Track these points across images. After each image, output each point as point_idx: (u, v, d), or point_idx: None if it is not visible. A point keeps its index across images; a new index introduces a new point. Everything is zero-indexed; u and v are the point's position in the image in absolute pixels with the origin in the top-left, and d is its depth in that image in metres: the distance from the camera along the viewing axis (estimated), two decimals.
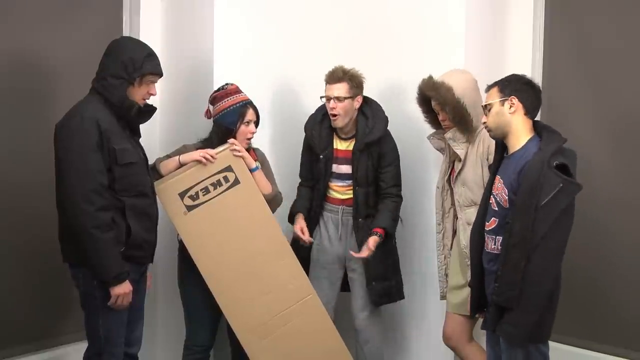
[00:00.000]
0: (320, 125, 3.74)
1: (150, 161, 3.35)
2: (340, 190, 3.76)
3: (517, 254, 2.77)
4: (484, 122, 2.99)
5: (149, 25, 4.02)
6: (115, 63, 2.95)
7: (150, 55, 3.03)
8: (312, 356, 3.51)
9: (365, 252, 3.61)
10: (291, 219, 3.80)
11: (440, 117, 3.47)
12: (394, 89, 4.07)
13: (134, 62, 2.94)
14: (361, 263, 3.70)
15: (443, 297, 3.65)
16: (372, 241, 3.62)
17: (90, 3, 3.87)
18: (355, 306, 3.77)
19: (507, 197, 2.88)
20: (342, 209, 3.75)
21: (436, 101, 3.42)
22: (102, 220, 2.87)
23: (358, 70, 3.68)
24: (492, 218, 2.95)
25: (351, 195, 3.72)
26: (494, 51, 3.88)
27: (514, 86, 2.93)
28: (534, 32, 3.97)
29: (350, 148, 3.70)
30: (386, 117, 3.72)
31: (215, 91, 3.55)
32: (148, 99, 3.08)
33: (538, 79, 3.96)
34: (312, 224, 3.81)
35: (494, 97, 2.94)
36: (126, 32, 4.01)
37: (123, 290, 2.95)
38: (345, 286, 3.87)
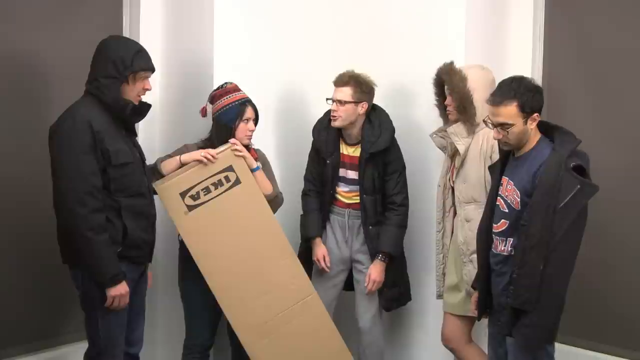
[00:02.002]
0: (327, 129, 3.75)
1: (151, 161, 3.35)
2: (346, 195, 3.77)
3: (534, 256, 2.75)
4: (499, 139, 2.91)
5: (149, 25, 4.01)
6: (105, 63, 2.94)
7: (140, 51, 3.02)
8: (313, 356, 3.51)
9: (370, 286, 3.69)
10: (305, 235, 3.81)
11: (446, 101, 3.45)
12: (395, 90, 4.08)
13: (124, 60, 2.93)
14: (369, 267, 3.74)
15: (439, 297, 3.65)
16: (376, 271, 3.68)
17: (90, 3, 3.86)
18: (360, 308, 3.78)
19: (519, 199, 2.86)
20: (349, 212, 3.77)
21: (447, 86, 3.41)
22: (96, 222, 2.86)
23: (368, 77, 3.68)
24: (502, 220, 2.94)
25: (356, 201, 3.74)
26: (494, 51, 3.88)
27: (534, 101, 2.84)
28: (534, 32, 3.98)
29: (356, 154, 3.72)
30: (393, 128, 3.72)
31: (215, 90, 3.55)
32: (144, 94, 3.08)
33: (538, 79, 3.97)
34: (322, 226, 3.83)
35: (515, 116, 2.83)
36: (126, 32, 4.00)
37: (119, 291, 2.94)
38: (348, 285, 3.88)
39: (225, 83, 3.55)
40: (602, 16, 3.81)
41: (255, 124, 3.55)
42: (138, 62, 2.98)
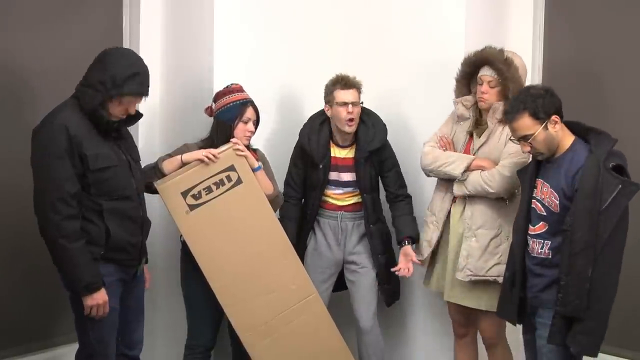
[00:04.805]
0: (317, 134, 3.75)
1: (151, 161, 3.35)
2: (339, 198, 3.77)
3: (581, 261, 2.73)
4: (528, 151, 2.92)
5: (149, 25, 4.01)
6: (98, 74, 2.88)
7: (136, 74, 2.90)
8: (314, 356, 3.50)
9: (410, 266, 3.66)
10: None
11: (482, 88, 3.37)
12: (394, 90, 4.08)
13: (114, 80, 2.84)
14: (369, 266, 3.76)
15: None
16: (412, 251, 3.66)
17: (90, 3, 3.87)
18: (360, 308, 3.78)
19: (557, 202, 2.85)
20: (341, 214, 3.77)
21: (501, 76, 3.32)
22: (70, 229, 2.82)
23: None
24: (541, 222, 2.92)
25: (350, 202, 3.76)
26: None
27: (546, 105, 2.85)
28: (534, 32, 3.99)
29: (350, 156, 3.73)
30: (385, 127, 3.75)
31: (219, 91, 3.56)
32: (126, 114, 2.97)
33: (538, 79, 3.99)
34: (306, 230, 3.81)
35: (531, 126, 2.85)
36: (126, 34, 4.02)
37: (96, 301, 2.88)
38: (338, 287, 3.89)
39: (231, 84, 3.56)
40: (602, 16, 3.82)
41: (256, 126, 3.55)
42: (129, 85, 2.88)
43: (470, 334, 3.61)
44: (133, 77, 2.89)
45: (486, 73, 3.38)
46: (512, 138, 3.02)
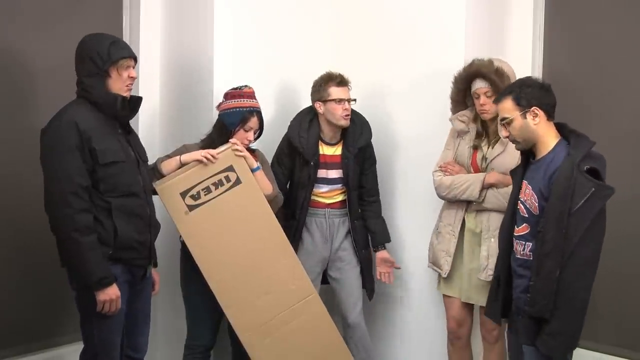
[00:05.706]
0: (307, 131, 3.76)
1: (151, 161, 3.35)
2: (325, 195, 3.80)
3: (550, 262, 2.73)
4: (506, 136, 2.95)
5: (149, 25, 4.02)
6: (84, 63, 2.92)
7: (114, 42, 2.96)
8: (314, 356, 3.50)
9: (392, 273, 3.91)
10: None
11: (481, 101, 3.40)
12: (393, 89, 4.08)
13: (100, 55, 2.89)
14: (354, 262, 3.84)
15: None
16: (390, 257, 3.89)
17: (89, 3, 3.87)
18: (347, 303, 3.83)
19: (537, 204, 2.85)
20: (328, 211, 3.81)
21: (495, 87, 3.33)
22: (82, 223, 2.82)
23: None
24: (524, 224, 2.92)
25: (337, 200, 3.81)
26: (494, 51, 3.86)
27: (529, 95, 2.87)
28: (534, 32, 3.98)
29: (337, 153, 3.78)
30: (370, 126, 3.83)
31: (232, 88, 3.55)
32: (131, 83, 3.01)
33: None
34: (299, 230, 3.80)
35: (511, 110, 2.88)
36: (126, 32, 4.02)
37: (108, 296, 2.88)
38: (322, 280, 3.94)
39: (245, 85, 3.55)
40: (602, 16, 3.81)
41: (258, 136, 3.56)
42: (115, 52, 2.92)
43: (465, 336, 3.62)
44: (113, 44, 2.94)
45: (480, 86, 3.39)
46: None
